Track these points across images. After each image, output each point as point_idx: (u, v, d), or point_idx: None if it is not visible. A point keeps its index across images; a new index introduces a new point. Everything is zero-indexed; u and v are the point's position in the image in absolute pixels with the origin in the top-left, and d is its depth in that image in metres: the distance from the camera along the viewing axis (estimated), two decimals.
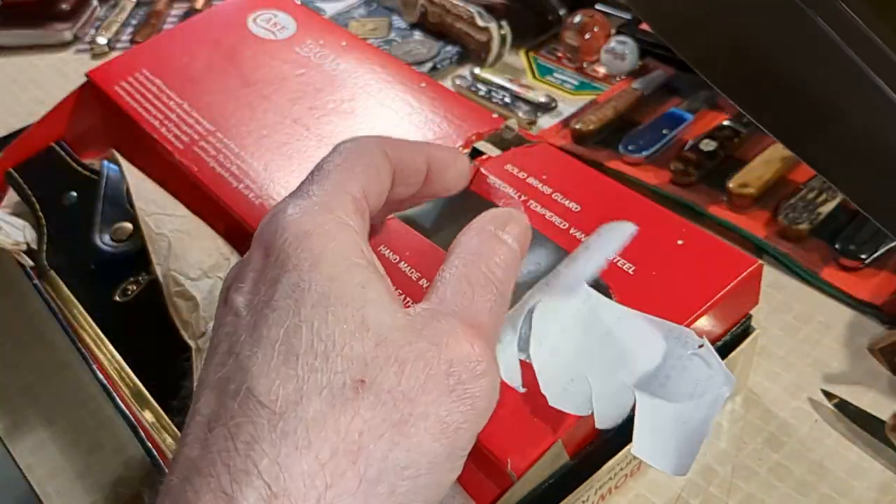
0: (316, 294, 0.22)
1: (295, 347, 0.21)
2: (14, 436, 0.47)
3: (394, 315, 0.23)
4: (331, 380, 0.21)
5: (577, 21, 0.72)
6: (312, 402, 0.20)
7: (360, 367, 0.21)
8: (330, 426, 0.20)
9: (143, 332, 0.46)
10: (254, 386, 0.21)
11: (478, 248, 0.28)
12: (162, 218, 0.47)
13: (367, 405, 0.21)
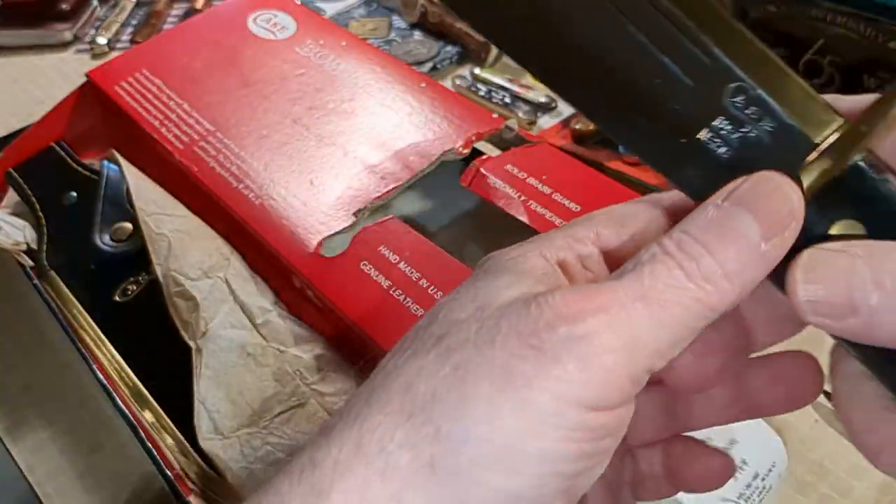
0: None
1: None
2: (14, 436, 0.47)
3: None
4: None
5: None
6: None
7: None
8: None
9: (143, 332, 0.46)
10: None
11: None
12: (162, 218, 0.48)
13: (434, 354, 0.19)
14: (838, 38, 0.57)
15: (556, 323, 0.18)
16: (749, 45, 0.21)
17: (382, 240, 0.42)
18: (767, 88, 0.21)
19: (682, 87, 0.21)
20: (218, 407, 0.40)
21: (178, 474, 0.39)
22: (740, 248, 0.19)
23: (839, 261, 0.18)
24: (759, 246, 0.19)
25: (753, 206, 0.19)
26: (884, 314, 0.18)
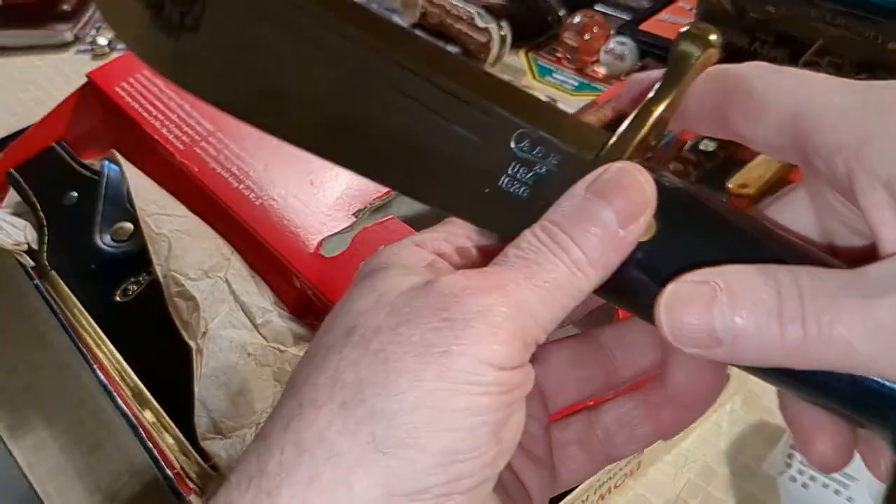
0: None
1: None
2: (15, 435, 0.47)
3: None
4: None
5: (577, 22, 0.72)
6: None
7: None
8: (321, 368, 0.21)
9: (143, 332, 0.46)
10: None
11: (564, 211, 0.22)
12: (162, 218, 0.48)
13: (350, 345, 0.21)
14: (838, 39, 0.57)
15: (462, 297, 0.20)
16: (521, 95, 0.24)
17: (382, 240, 0.42)
18: (544, 128, 0.23)
19: (474, 146, 0.24)
20: (218, 407, 0.40)
21: (178, 474, 0.39)
22: (601, 237, 0.21)
23: (700, 291, 0.20)
24: (617, 233, 0.21)
25: (611, 196, 0.21)
26: (744, 341, 0.20)
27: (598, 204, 0.21)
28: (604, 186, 0.21)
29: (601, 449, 0.28)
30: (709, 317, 0.20)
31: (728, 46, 0.64)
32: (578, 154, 0.23)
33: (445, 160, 0.24)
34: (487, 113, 0.23)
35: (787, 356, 0.20)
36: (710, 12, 0.63)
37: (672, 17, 0.73)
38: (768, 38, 0.61)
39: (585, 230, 0.21)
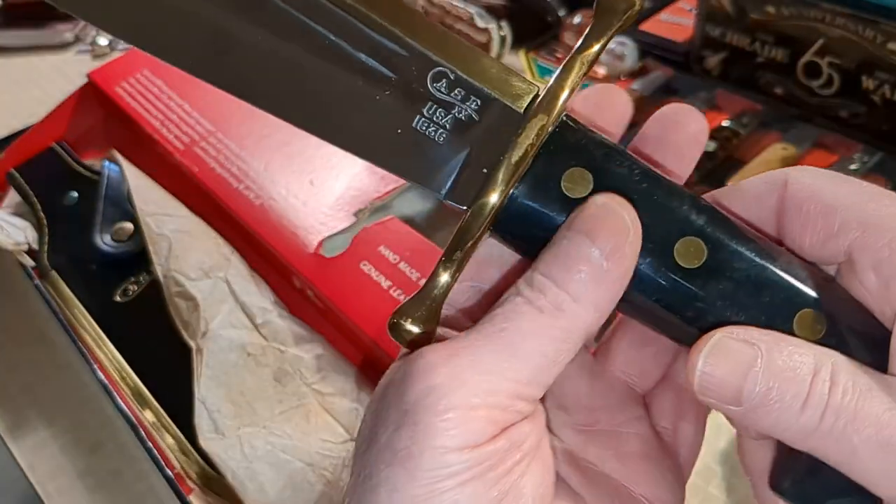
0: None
1: None
2: (15, 435, 0.47)
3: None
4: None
5: (577, 22, 0.72)
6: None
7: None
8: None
9: (143, 332, 0.46)
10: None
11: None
12: (162, 218, 0.48)
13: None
14: (838, 39, 0.57)
15: (411, 382, 0.19)
16: (441, 34, 0.22)
17: (383, 240, 0.42)
18: (466, 70, 0.22)
19: (386, 81, 0.22)
20: (218, 406, 0.40)
21: (178, 474, 0.39)
22: (585, 272, 0.20)
23: (743, 351, 0.20)
24: (601, 266, 0.20)
25: (590, 230, 0.20)
26: (763, 410, 0.19)
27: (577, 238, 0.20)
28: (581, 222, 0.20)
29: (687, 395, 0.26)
30: (742, 378, 0.19)
31: (728, 47, 0.64)
32: (502, 101, 0.22)
33: (352, 94, 0.22)
34: (401, 45, 0.22)
35: (795, 437, 0.20)
36: (710, 12, 0.63)
37: (672, 18, 0.73)
38: (768, 39, 0.61)
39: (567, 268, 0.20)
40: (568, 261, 0.20)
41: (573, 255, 0.20)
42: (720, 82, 0.65)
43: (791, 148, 0.58)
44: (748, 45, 0.62)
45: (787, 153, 0.57)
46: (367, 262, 0.41)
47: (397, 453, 0.19)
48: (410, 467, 0.19)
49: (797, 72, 0.60)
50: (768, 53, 0.61)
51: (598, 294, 0.20)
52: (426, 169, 0.22)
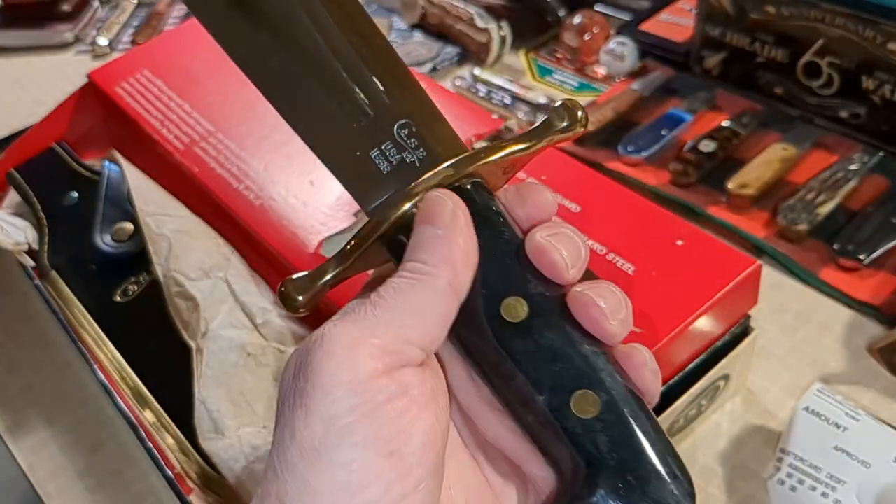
0: None
1: None
2: (15, 435, 0.47)
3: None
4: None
5: (577, 22, 0.72)
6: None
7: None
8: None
9: (143, 332, 0.46)
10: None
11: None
12: (162, 218, 0.48)
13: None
14: (837, 40, 0.57)
15: (311, 339, 0.23)
16: (421, 93, 0.29)
17: None
18: (426, 128, 0.28)
19: (366, 115, 0.28)
20: (218, 407, 0.40)
21: (178, 474, 0.39)
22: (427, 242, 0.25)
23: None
24: (437, 234, 0.24)
25: (427, 216, 0.25)
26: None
27: (420, 226, 0.25)
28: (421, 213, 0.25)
29: None
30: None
31: (728, 47, 0.64)
32: (440, 156, 0.27)
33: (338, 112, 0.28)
34: (389, 94, 0.28)
35: None
36: (710, 13, 0.63)
37: (672, 18, 0.73)
38: (768, 39, 0.61)
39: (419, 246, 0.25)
40: (416, 239, 0.25)
41: (419, 235, 0.25)
42: (720, 82, 0.65)
43: (791, 148, 0.58)
44: (748, 45, 0.62)
45: (787, 153, 0.57)
46: None
47: (296, 394, 0.22)
48: (307, 405, 0.22)
49: (797, 72, 0.60)
50: (768, 53, 0.61)
51: (441, 253, 0.24)
52: (365, 189, 0.28)
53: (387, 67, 0.28)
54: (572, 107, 0.28)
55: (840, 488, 0.39)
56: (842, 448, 0.40)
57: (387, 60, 0.29)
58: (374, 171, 0.28)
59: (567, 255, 0.25)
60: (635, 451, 0.23)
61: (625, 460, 0.23)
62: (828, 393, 0.43)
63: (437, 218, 0.25)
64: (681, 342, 0.37)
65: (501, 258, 0.26)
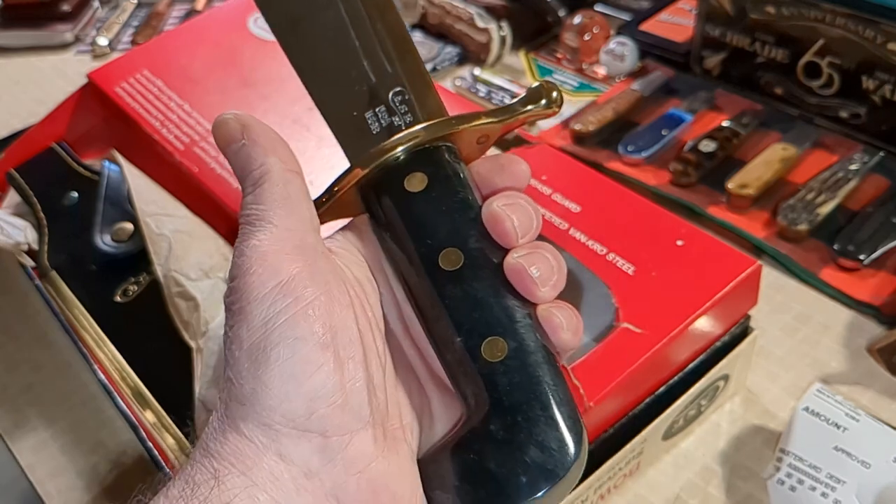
0: None
1: None
2: (15, 435, 0.47)
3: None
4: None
5: (577, 22, 0.72)
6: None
7: None
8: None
9: (143, 332, 0.46)
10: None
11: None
12: (162, 218, 0.48)
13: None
14: (838, 40, 0.57)
15: (231, 272, 0.27)
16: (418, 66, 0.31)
17: None
18: (417, 96, 0.31)
19: (368, 80, 0.31)
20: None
21: None
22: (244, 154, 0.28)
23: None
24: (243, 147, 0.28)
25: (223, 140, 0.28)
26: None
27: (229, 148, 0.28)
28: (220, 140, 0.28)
29: None
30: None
31: (729, 47, 0.64)
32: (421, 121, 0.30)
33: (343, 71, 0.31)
34: (391, 63, 0.31)
35: None
36: (710, 13, 0.63)
37: (672, 18, 0.73)
38: (769, 39, 0.61)
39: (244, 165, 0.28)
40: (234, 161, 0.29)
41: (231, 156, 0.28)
42: (720, 82, 0.65)
43: (791, 148, 0.58)
44: (748, 45, 0.62)
45: (787, 153, 0.57)
46: None
47: (234, 314, 0.25)
48: (246, 318, 0.25)
49: (797, 72, 0.60)
50: (768, 53, 0.61)
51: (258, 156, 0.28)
52: (354, 145, 0.30)
53: (394, 40, 0.31)
54: (548, 88, 0.30)
55: (840, 488, 0.39)
56: (841, 448, 0.40)
57: (395, 33, 0.31)
58: (365, 129, 0.30)
59: (518, 223, 0.27)
60: (530, 396, 0.26)
61: (519, 402, 0.25)
62: (828, 393, 0.43)
63: (231, 136, 0.28)
64: (681, 342, 0.37)
65: (450, 213, 0.28)
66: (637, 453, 0.39)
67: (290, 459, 0.24)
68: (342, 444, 0.24)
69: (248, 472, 0.24)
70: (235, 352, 0.25)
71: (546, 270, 0.27)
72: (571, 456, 0.25)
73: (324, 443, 0.24)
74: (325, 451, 0.24)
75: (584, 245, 0.40)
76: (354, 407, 0.25)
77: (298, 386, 0.24)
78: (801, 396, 0.43)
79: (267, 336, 0.24)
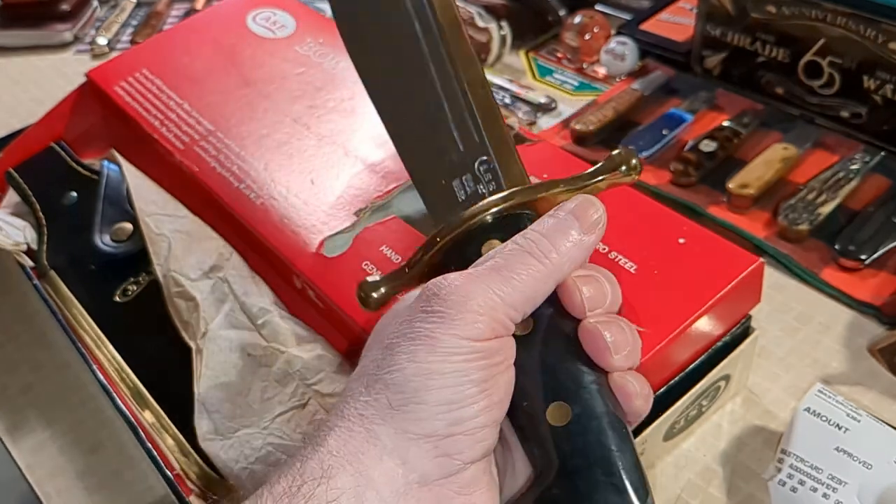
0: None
1: None
2: (14, 436, 0.47)
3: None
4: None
5: (577, 22, 0.72)
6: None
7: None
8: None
9: (143, 332, 0.46)
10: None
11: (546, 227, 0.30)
12: (162, 218, 0.48)
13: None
14: (839, 39, 0.57)
15: (438, 292, 0.28)
16: (504, 135, 0.33)
17: (384, 239, 0.42)
18: (502, 165, 0.32)
19: (456, 149, 0.33)
20: (218, 407, 0.40)
21: (178, 475, 0.39)
22: (568, 237, 0.29)
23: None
24: (580, 238, 0.30)
25: (577, 214, 0.30)
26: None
27: (567, 217, 0.30)
28: (573, 208, 0.30)
29: None
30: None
31: (729, 47, 0.64)
32: (503, 189, 0.32)
33: (435, 142, 0.33)
34: (478, 131, 0.33)
35: None
36: (711, 12, 0.63)
37: (673, 17, 0.73)
38: (769, 39, 0.61)
39: (558, 232, 0.29)
40: (561, 226, 0.30)
41: (564, 226, 0.30)
42: (721, 82, 0.65)
43: (792, 148, 0.58)
44: (749, 44, 0.62)
45: (788, 153, 0.57)
46: (369, 262, 0.41)
47: (421, 333, 0.27)
48: (431, 344, 0.27)
49: (798, 71, 0.60)
50: (769, 53, 0.61)
51: (573, 253, 0.29)
52: (441, 211, 0.33)
53: (483, 111, 0.33)
54: (627, 155, 0.32)
55: (841, 489, 0.39)
56: (843, 449, 0.40)
57: (484, 104, 0.33)
58: (452, 197, 0.33)
59: (588, 296, 0.29)
60: (592, 461, 0.26)
61: (580, 467, 0.26)
62: (829, 393, 0.43)
63: (585, 219, 0.30)
64: (682, 341, 0.37)
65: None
66: (638, 454, 0.39)
67: (412, 466, 0.26)
68: (462, 467, 0.27)
69: (363, 472, 0.26)
70: (402, 362, 0.27)
71: (621, 338, 0.28)
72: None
73: (448, 462, 0.27)
74: (444, 468, 0.27)
75: None
76: (484, 442, 0.27)
77: (449, 411, 0.26)
78: (803, 397, 0.43)
79: (443, 364, 0.27)
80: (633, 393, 0.28)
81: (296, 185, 0.46)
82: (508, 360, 0.28)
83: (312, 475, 0.26)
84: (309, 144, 0.49)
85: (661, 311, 0.36)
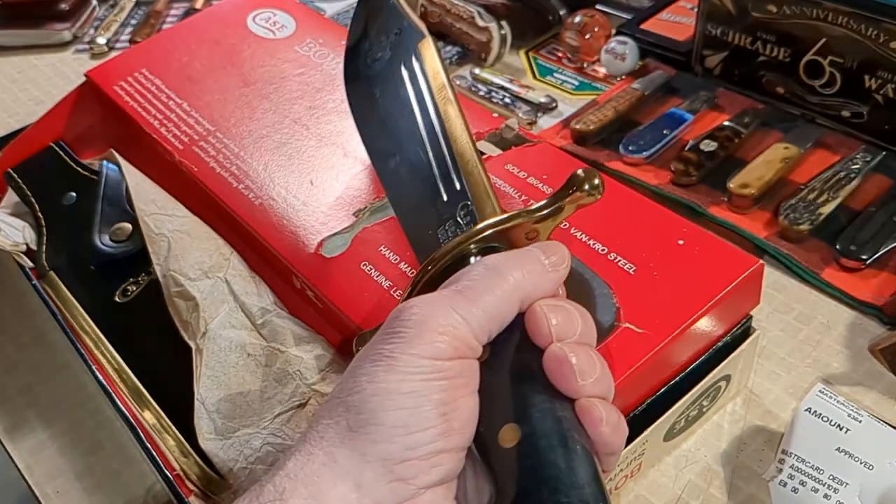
0: None
1: None
2: (14, 436, 0.47)
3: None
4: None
5: (578, 21, 0.71)
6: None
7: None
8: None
9: (142, 332, 0.45)
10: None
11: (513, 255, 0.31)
12: (161, 218, 0.47)
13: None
14: (839, 39, 0.57)
15: (399, 315, 0.28)
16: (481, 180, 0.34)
17: (383, 240, 0.42)
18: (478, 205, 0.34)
19: (440, 199, 0.35)
20: (218, 407, 0.39)
21: (178, 475, 0.39)
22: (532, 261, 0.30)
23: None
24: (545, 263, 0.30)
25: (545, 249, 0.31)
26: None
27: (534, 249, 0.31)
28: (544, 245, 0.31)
29: None
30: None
31: (730, 46, 0.63)
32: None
33: (423, 196, 0.36)
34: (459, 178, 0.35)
35: None
36: (711, 11, 0.63)
37: (673, 17, 0.73)
38: (770, 38, 0.61)
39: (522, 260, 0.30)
40: (526, 252, 0.31)
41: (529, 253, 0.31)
42: (721, 81, 0.65)
43: (792, 147, 0.57)
44: (749, 44, 0.62)
45: (789, 153, 0.57)
46: (368, 263, 0.41)
47: (382, 354, 0.27)
48: (391, 364, 0.27)
49: (799, 71, 0.60)
50: (770, 52, 0.61)
51: (537, 277, 0.30)
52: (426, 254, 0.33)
53: (464, 161, 0.35)
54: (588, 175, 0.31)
55: (842, 490, 0.39)
56: (844, 449, 0.40)
57: (465, 154, 0.35)
58: (435, 243, 0.34)
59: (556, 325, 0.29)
60: (540, 480, 0.26)
61: (528, 488, 0.26)
62: (830, 394, 0.43)
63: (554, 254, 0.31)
64: (683, 342, 0.37)
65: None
66: (638, 454, 0.39)
67: (366, 491, 0.26)
68: (417, 492, 0.26)
69: (317, 496, 0.26)
70: (363, 383, 0.27)
71: (587, 364, 0.28)
72: None
73: (402, 487, 0.26)
74: (399, 494, 0.26)
75: (585, 244, 0.40)
76: (441, 468, 0.27)
77: (405, 434, 0.26)
78: (803, 397, 0.43)
79: (400, 385, 0.26)
80: (598, 418, 0.27)
81: (295, 186, 0.46)
82: (472, 384, 0.28)
83: (268, 497, 0.26)
84: (308, 145, 0.49)
85: (660, 312, 0.36)
